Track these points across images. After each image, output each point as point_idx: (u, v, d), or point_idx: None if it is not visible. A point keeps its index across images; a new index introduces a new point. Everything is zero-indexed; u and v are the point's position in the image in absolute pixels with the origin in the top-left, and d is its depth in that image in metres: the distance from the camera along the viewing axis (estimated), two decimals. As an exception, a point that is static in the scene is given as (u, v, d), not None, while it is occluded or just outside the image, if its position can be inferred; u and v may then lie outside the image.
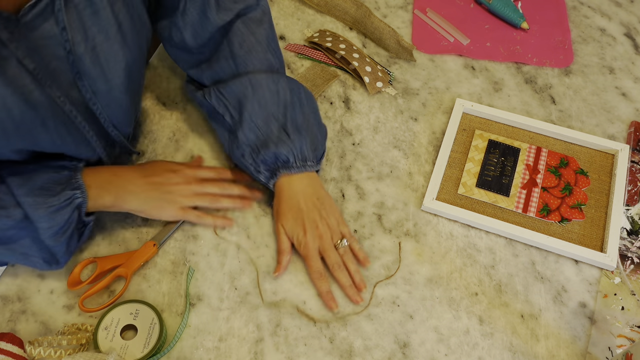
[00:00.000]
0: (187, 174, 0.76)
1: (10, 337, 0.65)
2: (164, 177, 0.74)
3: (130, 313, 0.67)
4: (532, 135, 0.86)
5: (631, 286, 0.73)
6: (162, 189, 0.73)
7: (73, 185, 0.65)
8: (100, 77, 0.64)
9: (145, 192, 0.72)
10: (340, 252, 0.73)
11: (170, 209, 0.73)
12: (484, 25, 1.01)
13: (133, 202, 0.71)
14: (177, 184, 0.74)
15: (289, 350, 0.68)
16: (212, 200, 0.75)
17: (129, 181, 0.71)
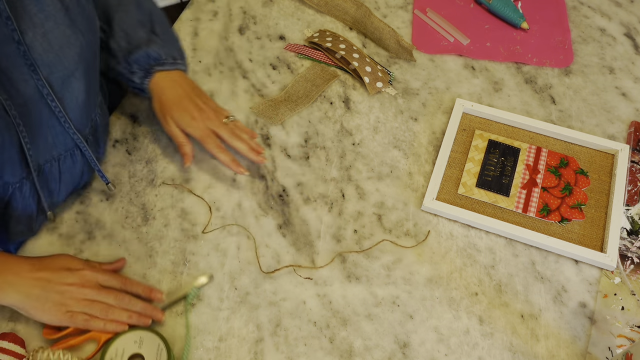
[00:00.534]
0: (85, 275, 0.67)
1: (12, 336, 0.65)
2: (57, 274, 0.65)
3: (134, 342, 0.65)
4: (532, 135, 0.86)
5: (631, 286, 0.73)
6: (49, 288, 0.64)
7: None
8: (56, 64, 0.62)
9: (28, 288, 0.64)
10: (230, 126, 0.79)
11: (54, 312, 0.64)
12: (484, 25, 1.01)
13: (11, 295, 0.63)
14: (70, 285, 0.65)
15: (289, 350, 0.68)
16: (103, 310, 0.66)
17: (13, 272, 0.64)
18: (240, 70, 0.94)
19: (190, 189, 0.81)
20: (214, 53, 0.96)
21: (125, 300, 0.67)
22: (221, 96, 0.91)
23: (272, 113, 0.88)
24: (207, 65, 0.94)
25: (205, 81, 0.92)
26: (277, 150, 0.85)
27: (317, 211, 0.79)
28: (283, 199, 0.80)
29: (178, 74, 0.80)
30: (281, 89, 0.92)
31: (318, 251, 0.75)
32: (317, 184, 0.82)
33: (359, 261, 0.75)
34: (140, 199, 0.79)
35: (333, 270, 0.74)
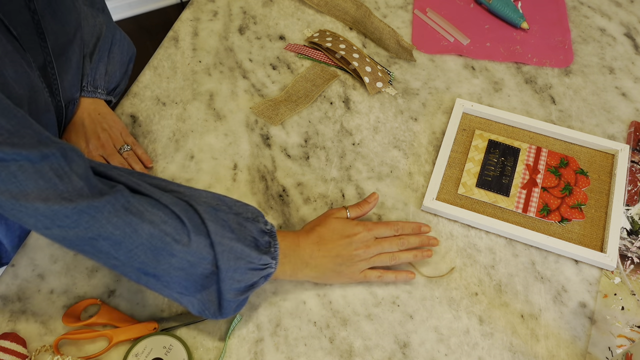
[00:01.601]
0: (364, 237, 0.71)
1: (14, 336, 0.66)
2: (341, 245, 0.70)
3: (163, 347, 0.66)
4: (532, 135, 0.86)
5: (631, 286, 0.73)
6: (340, 261, 0.70)
7: (272, 255, 0.64)
8: (60, 31, 0.66)
9: (322, 265, 0.69)
10: (124, 156, 0.80)
11: (350, 278, 0.71)
12: (484, 25, 1.01)
13: (310, 273, 0.69)
14: (355, 250, 0.70)
15: (289, 350, 0.68)
16: (390, 258, 0.72)
17: (308, 254, 0.69)
18: (240, 70, 0.94)
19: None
20: (214, 53, 0.96)
21: (403, 242, 0.72)
22: (221, 96, 0.91)
23: (272, 113, 0.88)
24: (207, 65, 0.95)
25: (205, 81, 0.92)
26: (277, 150, 0.85)
27: (317, 211, 0.79)
28: (283, 199, 0.80)
29: (95, 101, 0.82)
30: (281, 89, 0.92)
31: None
32: (317, 184, 0.82)
33: (359, 261, 0.75)
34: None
35: (333, 270, 0.74)
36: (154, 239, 0.56)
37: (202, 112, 0.89)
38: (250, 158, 0.84)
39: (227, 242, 0.60)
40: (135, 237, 0.55)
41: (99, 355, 0.66)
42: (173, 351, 0.65)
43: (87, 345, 0.67)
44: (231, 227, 0.61)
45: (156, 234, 0.56)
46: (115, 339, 0.66)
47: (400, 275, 0.72)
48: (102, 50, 0.83)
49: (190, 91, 0.91)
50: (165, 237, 0.56)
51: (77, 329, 0.67)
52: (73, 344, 0.67)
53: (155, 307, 0.70)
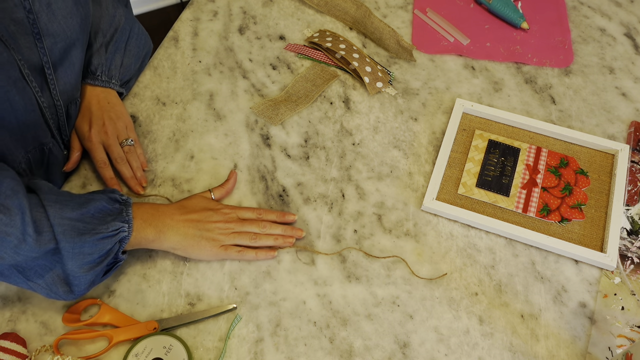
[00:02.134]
0: (226, 212, 0.74)
1: (14, 336, 0.66)
2: (203, 214, 0.73)
3: (163, 347, 0.66)
4: (532, 135, 0.86)
5: (631, 286, 0.73)
6: (201, 226, 0.71)
7: (123, 218, 0.66)
8: (59, 33, 0.66)
9: (184, 228, 0.71)
10: (125, 150, 0.80)
11: (210, 247, 0.72)
12: (484, 25, 1.01)
13: (173, 237, 0.70)
14: (216, 222, 0.72)
15: (289, 350, 0.68)
16: (251, 238, 0.73)
17: (169, 216, 0.71)
18: (240, 70, 0.94)
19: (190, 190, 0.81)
20: (214, 53, 0.96)
21: (267, 226, 0.74)
22: (221, 96, 0.91)
23: (272, 113, 0.88)
24: (207, 65, 0.95)
25: (205, 81, 0.92)
26: (277, 150, 0.85)
27: (317, 211, 0.79)
28: (283, 199, 0.80)
29: (107, 91, 0.82)
30: (281, 89, 0.92)
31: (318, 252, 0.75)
32: (317, 184, 0.82)
33: (359, 261, 0.75)
34: (140, 199, 0.79)
35: (333, 270, 0.74)
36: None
37: (202, 112, 0.89)
38: (250, 158, 0.84)
39: (68, 222, 0.61)
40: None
41: (99, 355, 0.66)
42: (173, 351, 0.65)
43: (87, 345, 0.67)
44: (74, 206, 0.62)
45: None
46: (115, 339, 0.66)
47: (261, 253, 0.73)
48: (119, 41, 0.83)
49: (190, 91, 0.91)
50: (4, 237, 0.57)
51: (77, 329, 0.67)
52: (73, 344, 0.67)
53: (155, 307, 0.70)
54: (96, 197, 0.65)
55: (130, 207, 0.67)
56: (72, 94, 0.77)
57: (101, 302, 0.70)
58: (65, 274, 0.63)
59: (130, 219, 0.67)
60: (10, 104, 0.63)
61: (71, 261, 0.62)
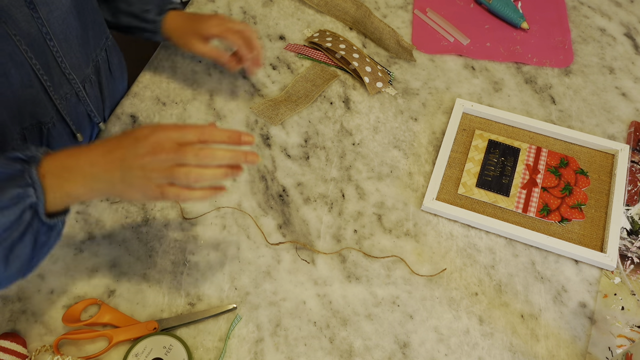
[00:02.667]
0: (157, 139, 0.57)
1: (14, 336, 0.66)
2: (129, 149, 0.57)
3: (163, 347, 0.66)
4: (532, 135, 0.86)
5: (631, 286, 0.73)
6: (127, 165, 0.57)
7: (25, 182, 0.54)
8: (51, 1, 0.65)
9: (108, 173, 0.57)
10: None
11: (143, 189, 0.57)
12: (484, 25, 1.01)
13: (96, 187, 0.57)
14: (145, 156, 0.56)
15: (289, 350, 0.68)
16: (194, 175, 0.57)
17: (89, 162, 0.57)
18: (240, 70, 0.94)
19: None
20: (214, 53, 0.96)
21: (209, 156, 0.57)
22: (221, 96, 0.91)
23: (272, 113, 0.88)
24: (207, 65, 0.94)
25: (205, 81, 0.92)
26: (277, 150, 0.85)
27: (317, 211, 0.79)
28: (283, 199, 0.80)
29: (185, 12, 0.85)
30: (281, 88, 0.92)
31: (318, 251, 0.75)
32: (317, 184, 0.82)
33: (359, 261, 0.75)
34: (140, 199, 0.80)
35: (333, 270, 0.74)
36: None
37: (202, 112, 0.89)
38: (250, 158, 0.84)
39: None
40: None
41: (99, 355, 0.66)
42: (173, 351, 0.65)
43: (87, 345, 0.67)
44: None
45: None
46: (115, 339, 0.66)
47: (206, 192, 0.59)
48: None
49: (190, 91, 0.91)
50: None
51: (77, 329, 0.67)
52: (73, 344, 0.67)
53: (155, 307, 0.70)
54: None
55: (34, 166, 0.55)
56: (82, 69, 0.76)
57: (101, 302, 0.70)
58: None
59: (36, 181, 0.54)
60: (6, 78, 0.62)
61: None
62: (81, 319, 0.69)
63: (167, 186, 0.57)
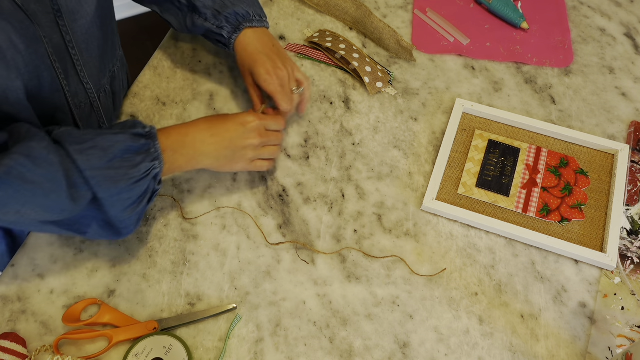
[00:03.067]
0: (257, 126, 0.75)
1: (14, 336, 0.66)
2: (234, 132, 0.73)
3: (163, 347, 0.66)
4: (532, 135, 0.86)
5: (631, 286, 0.73)
6: (234, 146, 0.73)
7: (153, 156, 0.65)
8: (79, 11, 0.66)
9: (217, 151, 0.72)
10: (295, 98, 0.82)
11: (242, 163, 0.75)
12: (484, 25, 1.01)
13: (205, 161, 0.72)
14: (248, 139, 0.74)
15: (289, 350, 0.68)
16: (272, 152, 0.78)
17: (201, 141, 0.71)
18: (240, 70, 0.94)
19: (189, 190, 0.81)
20: (214, 53, 0.96)
21: (280, 138, 0.79)
22: (221, 96, 0.91)
23: None
24: (207, 65, 0.94)
25: (205, 81, 0.92)
26: (277, 150, 0.85)
27: (317, 211, 0.79)
28: (283, 199, 0.80)
29: (263, 31, 0.83)
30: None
31: (318, 251, 0.75)
32: (317, 184, 0.82)
33: (359, 261, 0.75)
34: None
35: (333, 270, 0.74)
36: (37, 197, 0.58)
37: (202, 112, 0.89)
38: (250, 158, 0.84)
39: (98, 172, 0.60)
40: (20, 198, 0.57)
41: (99, 355, 0.66)
42: (173, 351, 0.65)
43: (87, 345, 0.67)
44: (99, 154, 0.61)
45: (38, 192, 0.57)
46: (115, 339, 0.66)
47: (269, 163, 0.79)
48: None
49: (190, 91, 0.91)
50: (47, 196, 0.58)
51: (77, 329, 0.67)
52: (73, 344, 0.67)
53: (155, 307, 0.70)
54: (119, 137, 0.63)
55: (156, 140, 0.66)
56: (99, 79, 0.76)
57: (101, 302, 0.70)
58: (109, 219, 0.63)
59: (159, 155, 0.66)
60: (39, 80, 0.63)
61: (113, 208, 0.62)
62: (81, 318, 0.69)
63: (259, 161, 0.77)
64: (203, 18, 0.81)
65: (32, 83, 0.62)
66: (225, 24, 0.81)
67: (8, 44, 0.57)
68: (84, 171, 0.60)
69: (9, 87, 0.58)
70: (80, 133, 0.63)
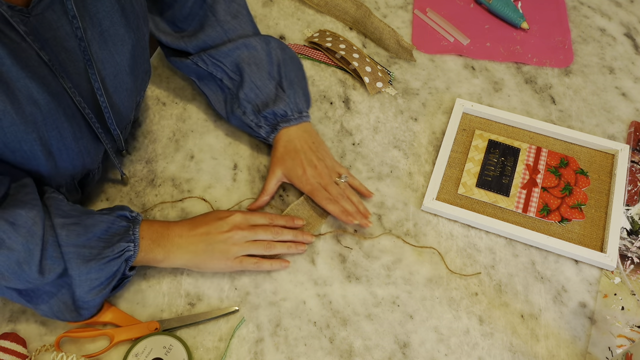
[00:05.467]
0: (237, 219, 0.72)
1: (14, 336, 0.66)
2: (213, 226, 0.70)
3: (163, 347, 0.66)
4: (532, 135, 0.86)
5: (631, 286, 0.73)
6: (211, 240, 0.70)
7: (129, 238, 0.65)
8: (108, 60, 0.65)
9: (193, 245, 0.69)
10: (342, 186, 0.78)
11: (223, 260, 0.70)
12: (484, 25, 1.01)
13: (183, 256, 0.69)
14: (227, 232, 0.70)
15: (289, 350, 0.68)
16: (265, 247, 0.72)
17: (178, 235, 0.69)
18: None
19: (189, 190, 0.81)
20: (214, 53, 0.96)
21: (279, 232, 0.73)
22: (221, 96, 0.91)
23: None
24: (207, 65, 0.94)
25: (205, 81, 0.92)
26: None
27: (317, 211, 0.79)
28: (283, 199, 0.80)
29: (302, 127, 0.80)
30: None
31: (318, 251, 0.75)
32: (317, 184, 0.82)
33: (359, 261, 0.75)
34: (140, 199, 0.79)
35: (333, 270, 0.74)
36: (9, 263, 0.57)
37: (202, 112, 0.89)
38: (250, 158, 0.84)
39: (74, 249, 0.60)
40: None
41: (100, 354, 0.66)
42: (173, 351, 0.65)
43: (88, 344, 0.68)
44: (80, 231, 0.62)
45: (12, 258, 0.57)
46: (116, 338, 0.66)
47: (276, 263, 0.73)
48: (288, 74, 0.82)
49: (190, 91, 0.91)
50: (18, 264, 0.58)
51: (78, 327, 0.67)
52: (74, 343, 0.67)
53: (155, 307, 0.70)
54: (104, 218, 0.64)
55: (137, 225, 0.66)
56: (126, 118, 0.75)
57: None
58: (73, 299, 0.63)
59: (137, 238, 0.66)
60: (59, 132, 0.62)
61: (79, 288, 0.62)
62: None
63: (245, 257, 0.71)
64: (242, 111, 0.80)
65: (47, 134, 0.61)
66: (264, 124, 0.80)
67: (28, 100, 0.57)
68: (62, 246, 0.60)
69: (24, 139, 0.59)
70: (69, 207, 0.63)
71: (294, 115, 0.80)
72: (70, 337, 0.67)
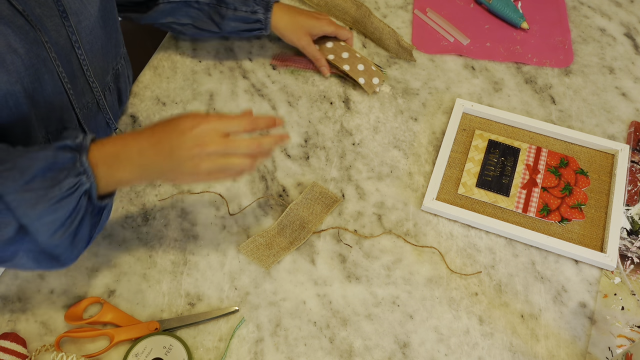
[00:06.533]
0: (203, 132, 0.60)
1: (14, 336, 0.66)
2: (175, 142, 0.60)
3: (163, 347, 0.66)
4: (532, 135, 0.86)
5: (631, 286, 0.73)
6: (176, 158, 0.59)
7: (77, 170, 0.57)
8: (82, 12, 0.67)
9: (157, 164, 0.60)
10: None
11: (192, 177, 0.61)
12: (484, 25, 1.01)
13: (151, 174, 0.61)
14: (193, 148, 0.59)
15: (289, 350, 0.68)
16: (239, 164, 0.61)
17: (138, 152, 0.59)
18: (240, 70, 0.94)
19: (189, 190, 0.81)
20: (214, 53, 0.96)
21: (259, 145, 0.62)
22: (221, 96, 0.91)
23: (263, 254, 0.75)
24: (207, 65, 0.95)
25: (205, 81, 0.92)
26: (277, 150, 0.85)
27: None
28: (283, 199, 0.80)
29: (284, 4, 0.90)
30: (281, 89, 0.92)
31: (318, 251, 0.75)
32: (317, 184, 0.82)
33: (359, 261, 0.75)
34: (140, 199, 0.79)
35: (333, 270, 0.74)
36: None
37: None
38: (250, 158, 0.84)
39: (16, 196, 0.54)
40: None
41: (100, 354, 0.66)
42: (173, 351, 0.65)
43: (88, 344, 0.68)
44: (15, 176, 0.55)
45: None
46: (116, 338, 0.66)
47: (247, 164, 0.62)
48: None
49: (190, 91, 0.91)
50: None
51: (78, 327, 0.67)
52: (74, 343, 0.67)
53: (155, 307, 0.70)
54: (40, 155, 0.56)
55: (85, 154, 0.57)
56: (103, 77, 0.76)
57: (104, 300, 0.70)
58: (43, 247, 0.57)
59: (87, 169, 0.57)
60: (40, 83, 0.62)
61: (39, 234, 0.55)
62: (83, 317, 0.69)
63: (216, 172, 0.61)
64: (232, 8, 0.84)
65: (32, 86, 0.62)
66: (257, 6, 0.86)
67: (7, 48, 0.57)
68: (4, 196, 0.53)
69: (8, 91, 0.58)
70: (5, 152, 0.57)
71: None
72: (70, 337, 0.67)
